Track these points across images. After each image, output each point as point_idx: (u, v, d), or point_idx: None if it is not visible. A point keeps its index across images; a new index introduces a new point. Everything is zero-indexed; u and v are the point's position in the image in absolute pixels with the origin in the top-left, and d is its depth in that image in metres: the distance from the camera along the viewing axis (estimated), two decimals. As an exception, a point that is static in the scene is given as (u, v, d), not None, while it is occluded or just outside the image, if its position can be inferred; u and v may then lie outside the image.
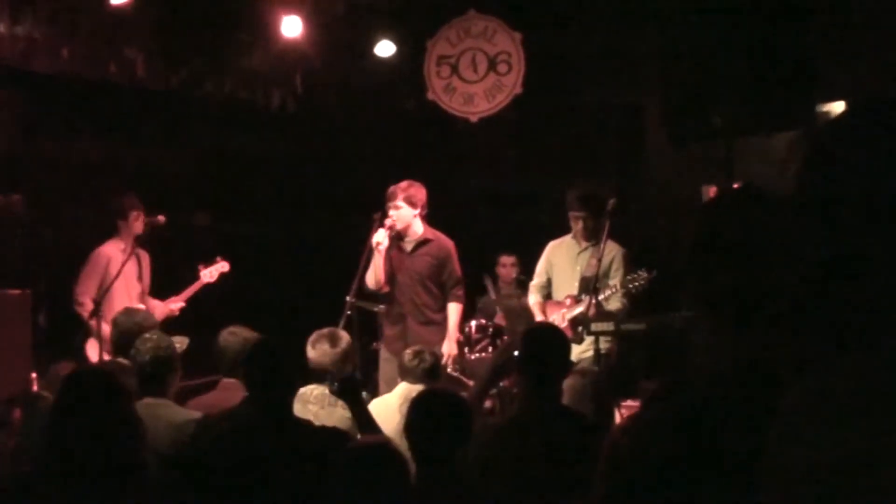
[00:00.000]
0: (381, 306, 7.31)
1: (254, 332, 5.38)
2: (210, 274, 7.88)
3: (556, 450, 4.06)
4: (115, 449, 3.32)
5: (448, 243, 7.49)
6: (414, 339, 7.16)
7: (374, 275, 7.21)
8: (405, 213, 7.27)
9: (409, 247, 7.41)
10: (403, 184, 7.34)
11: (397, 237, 7.37)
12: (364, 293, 7.32)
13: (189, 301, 7.80)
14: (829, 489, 1.16)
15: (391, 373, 7.04)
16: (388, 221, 7.23)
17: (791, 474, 1.20)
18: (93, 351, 7.05)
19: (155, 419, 4.65)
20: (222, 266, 7.94)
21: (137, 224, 7.56)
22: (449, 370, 8.01)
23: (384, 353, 7.33)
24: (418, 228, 7.37)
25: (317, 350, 5.23)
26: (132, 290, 7.52)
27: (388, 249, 7.29)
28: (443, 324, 7.42)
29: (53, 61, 8.15)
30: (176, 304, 7.75)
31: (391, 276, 7.34)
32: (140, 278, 7.62)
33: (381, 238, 7.12)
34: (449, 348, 7.35)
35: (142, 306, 7.37)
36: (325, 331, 5.44)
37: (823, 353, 1.27)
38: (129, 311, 6.33)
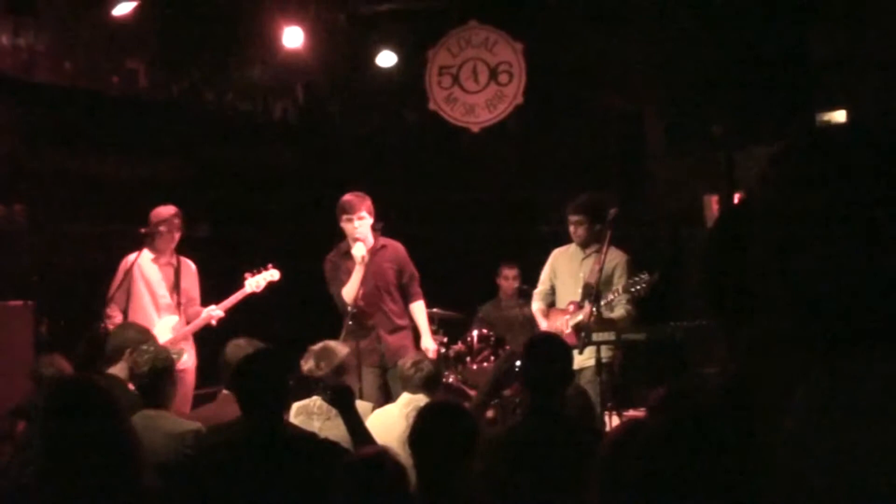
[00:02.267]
0: (349, 322, 7.04)
1: (261, 344, 5.37)
2: (256, 283, 7.41)
3: (559, 460, 4.05)
4: (102, 460, 3.33)
5: (400, 246, 7.46)
6: (388, 349, 7.16)
7: (353, 290, 7.10)
8: (367, 224, 7.23)
9: (367, 257, 7.35)
10: (356, 195, 7.25)
11: (346, 252, 7.30)
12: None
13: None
14: (843, 489, 1.16)
15: (371, 384, 7.06)
16: (357, 234, 7.18)
17: (803, 476, 1.20)
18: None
19: (153, 430, 4.67)
20: (271, 275, 7.46)
21: (174, 236, 7.36)
22: (451, 380, 8.02)
23: (364, 369, 7.18)
24: (371, 238, 7.33)
25: (313, 362, 5.22)
26: (161, 301, 7.36)
27: (344, 264, 7.26)
28: (409, 328, 7.40)
29: (55, 73, 8.17)
30: (216, 314, 7.35)
31: None
32: (176, 288, 7.42)
33: (362, 251, 7.08)
34: (428, 343, 7.34)
35: (175, 317, 7.33)
36: (322, 343, 5.44)
37: (829, 356, 1.28)
38: (123, 327, 6.33)
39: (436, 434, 3.68)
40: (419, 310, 7.45)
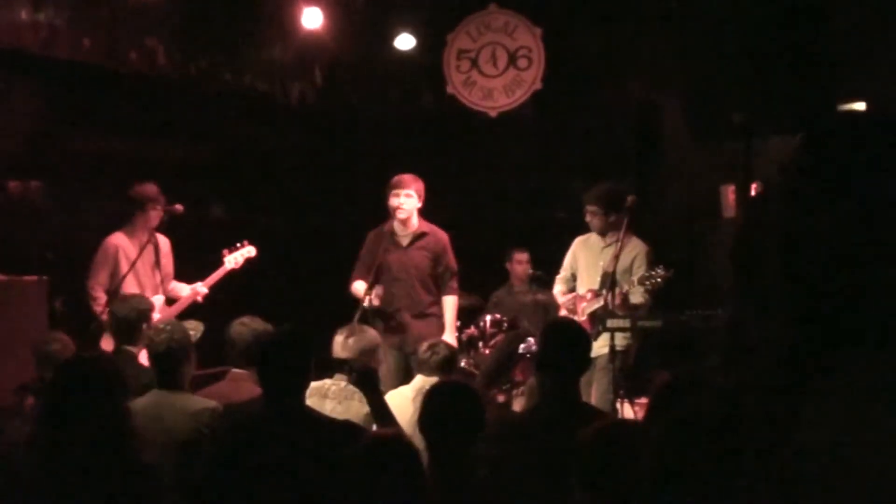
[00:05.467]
0: (375, 300, 7.06)
1: (265, 323, 5.38)
2: (235, 260, 7.51)
3: (574, 445, 4.05)
4: (104, 442, 3.36)
5: (443, 236, 7.45)
6: (411, 333, 7.15)
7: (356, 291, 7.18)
8: (412, 204, 7.24)
9: (404, 241, 7.35)
10: (409, 175, 7.28)
11: (391, 233, 7.33)
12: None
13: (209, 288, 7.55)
14: (861, 486, 1.15)
15: (392, 366, 7.08)
16: (400, 212, 7.18)
17: (820, 471, 1.19)
18: (108, 345, 6.98)
19: (171, 408, 4.69)
20: (248, 251, 7.56)
21: (154, 215, 7.37)
22: (463, 364, 8.02)
23: (386, 350, 7.21)
24: (416, 221, 7.33)
25: (345, 345, 5.24)
26: (146, 281, 7.38)
27: (381, 246, 7.26)
28: (438, 316, 7.39)
29: (74, 49, 8.17)
30: (201, 290, 7.45)
31: (386, 270, 7.31)
32: (157, 266, 7.49)
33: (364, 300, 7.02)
34: (449, 339, 7.30)
35: (159, 296, 7.37)
36: (354, 326, 5.47)
37: (850, 352, 1.26)
38: (124, 299, 6.33)
39: (444, 414, 3.69)
40: (449, 304, 7.42)
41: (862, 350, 1.24)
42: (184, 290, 7.51)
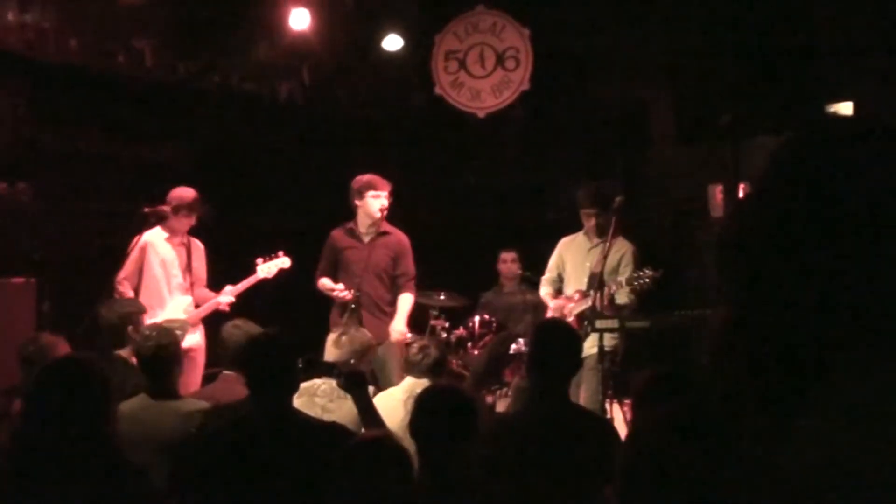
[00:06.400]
0: (345, 293, 7.16)
1: (257, 325, 5.38)
2: (268, 269, 7.42)
3: (565, 446, 4.06)
4: (83, 443, 3.36)
5: (405, 238, 7.47)
6: (368, 329, 7.15)
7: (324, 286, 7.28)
8: (386, 205, 7.29)
9: (366, 238, 7.38)
10: (379, 176, 7.34)
11: (353, 230, 7.40)
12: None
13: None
14: (858, 493, 1.15)
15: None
16: (378, 213, 7.25)
17: (814, 477, 1.19)
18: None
19: (159, 409, 4.68)
20: (283, 262, 7.48)
21: (187, 221, 7.36)
22: (453, 365, 8.03)
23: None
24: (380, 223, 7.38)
25: (340, 346, 5.25)
26: (172, 281, 7.36)
27: (341, 242, 7.38)
28: (393, 315, 7.35)
29: (62, 51, 8.15)
30: (225, 299, 7.35)
31: (346, 266, 7.34)
32: (188, 269, 7.45)
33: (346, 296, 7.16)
34: (398, 325, 7.25)
35: (188, 297, 7.34)
36: (348, 327, 5.46)
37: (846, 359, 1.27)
38: (111, 304, 6.31)
39: (435, 418, 3.68)
40: (404, 299, 7.38)
41: (851, 352, 1.25)
42: (207, 299, 7.44)
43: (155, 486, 3.65)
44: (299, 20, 8.65)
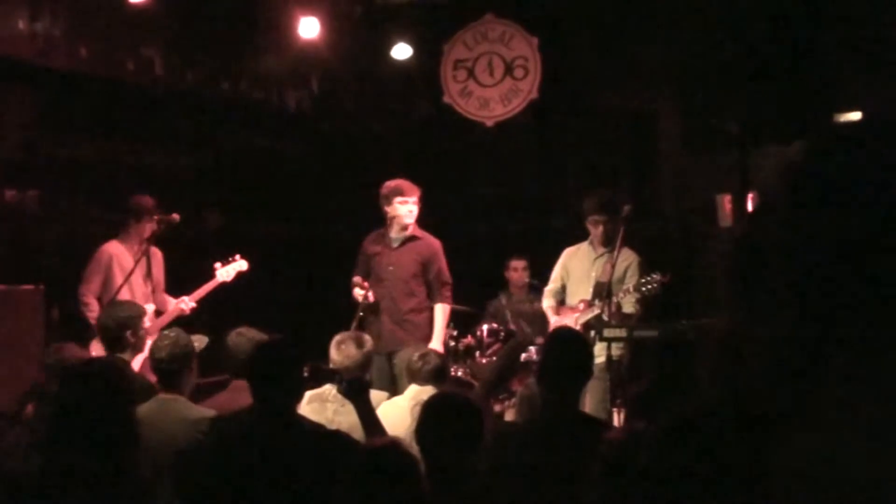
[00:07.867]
0: (366, 299, 7.15)
1: (263, 333, 5.37)
2: (227, 273, 7.49)
3: (574, 455, 4.05)
4: (109, 449, 3.35)
5: (435, 243, 7.45)
6: (387, 338, 7.13)
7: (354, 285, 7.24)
8: (415, 211, 7.28)
9: (395, 243, 7.37)
10: (408, 182, 7.33)
11: (385, 235, 7.38)
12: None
13: (205, 299, 7.52)
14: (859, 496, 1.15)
15: (381, 371, 7.03)
16: (408, 218, 7.23)
17: (815, 481, 1.19)
18: (97, 351, 6.94)
19: (169, 415, 4.69)
20: (240, 265, 7.53)
21: (148, 227, 7.41)
22: (460, 374, 8.01)
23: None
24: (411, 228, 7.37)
25: (341, 352, 5.24)
26: (137, 291, 7.37)
27: (372, 248, 7.37)
28: (420, 325, 7.33)
29: (71, 59, 8.18)
30: (187, 305, 7.40)
31: (374, 272, 7.33)
32: (149, 276, 7.49)
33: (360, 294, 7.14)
34: (434, 345, 7.18)
35: (150, 305, 7.35)
36: (351, 333, 5.46)
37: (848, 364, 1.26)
38: (110, 307, 6.31)
39: (442, 426, 3.67)
40: (438, 312, 7.38)
41: (863, 357, 1.25)
42: (171, 303, 7.51)
43: (162, 492, 3.65)
44: (308, 29, 8.66)
